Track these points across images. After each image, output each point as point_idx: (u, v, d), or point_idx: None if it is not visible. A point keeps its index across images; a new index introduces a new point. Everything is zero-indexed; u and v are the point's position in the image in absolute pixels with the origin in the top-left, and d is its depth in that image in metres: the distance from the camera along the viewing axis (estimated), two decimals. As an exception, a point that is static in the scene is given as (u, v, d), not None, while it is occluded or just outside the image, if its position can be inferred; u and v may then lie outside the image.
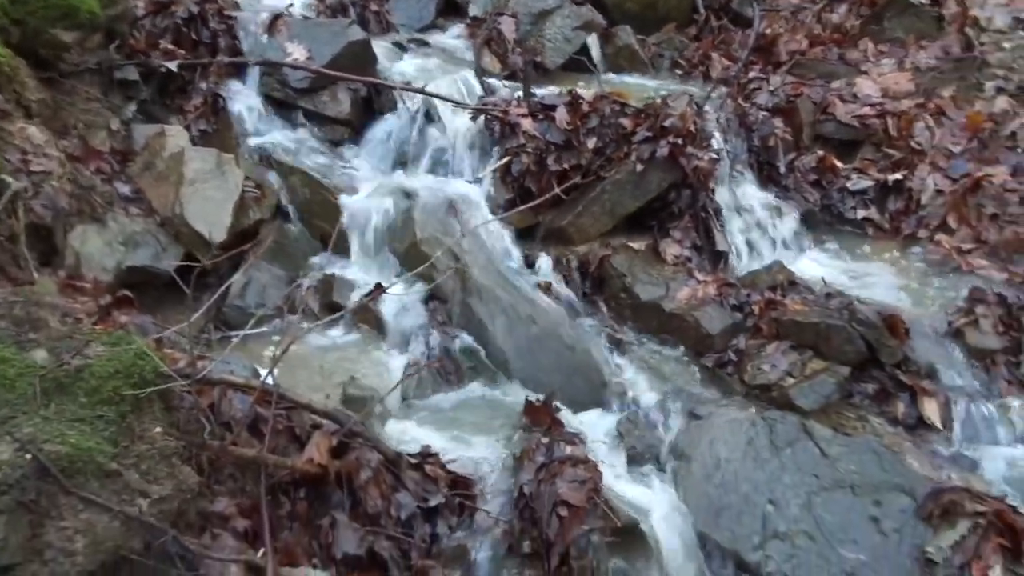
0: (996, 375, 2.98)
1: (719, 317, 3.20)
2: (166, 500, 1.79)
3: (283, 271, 3.24)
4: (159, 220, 3.21)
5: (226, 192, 3.25)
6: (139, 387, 1.89)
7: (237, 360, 2.51)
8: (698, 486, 2.59)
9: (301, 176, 3.53)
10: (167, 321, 2.82)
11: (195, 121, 3.68)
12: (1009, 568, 2.25)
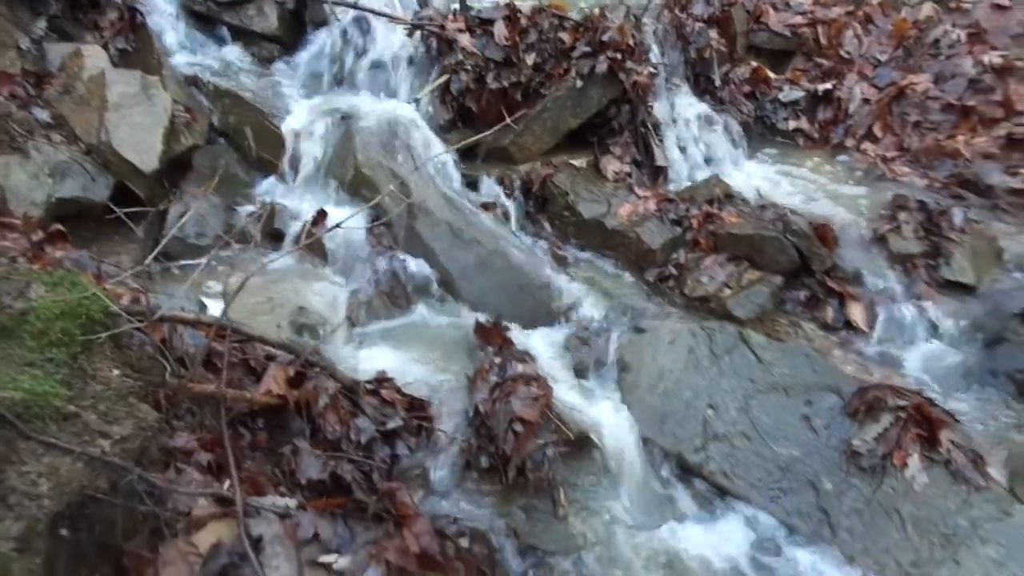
0: (916, 278, 3.16)
1: (659, 232, 3.28)
2: (127, 439, 1.79)
3: (220, 199, 3.15)
4: (84, 148, 3.06)
5: (154, 117, 3.10)
6: (87, 327, 1.86)
7: (181, 293, 2.47)
8: (643, 395, 2.72)
9: (233, 98, 3.40)
10: (103, 255, 2.74)
11: (112, 39, 3.46)
12: (925, 455, 2.46)
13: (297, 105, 3.44)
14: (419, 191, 3.21)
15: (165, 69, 3.38)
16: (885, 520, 2.38)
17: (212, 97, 3.40)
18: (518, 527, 2.31)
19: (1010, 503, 2.40)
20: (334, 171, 3.31)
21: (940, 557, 2.29)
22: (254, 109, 3.37)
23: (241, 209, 3.17)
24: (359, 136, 3.30)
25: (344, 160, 3.29)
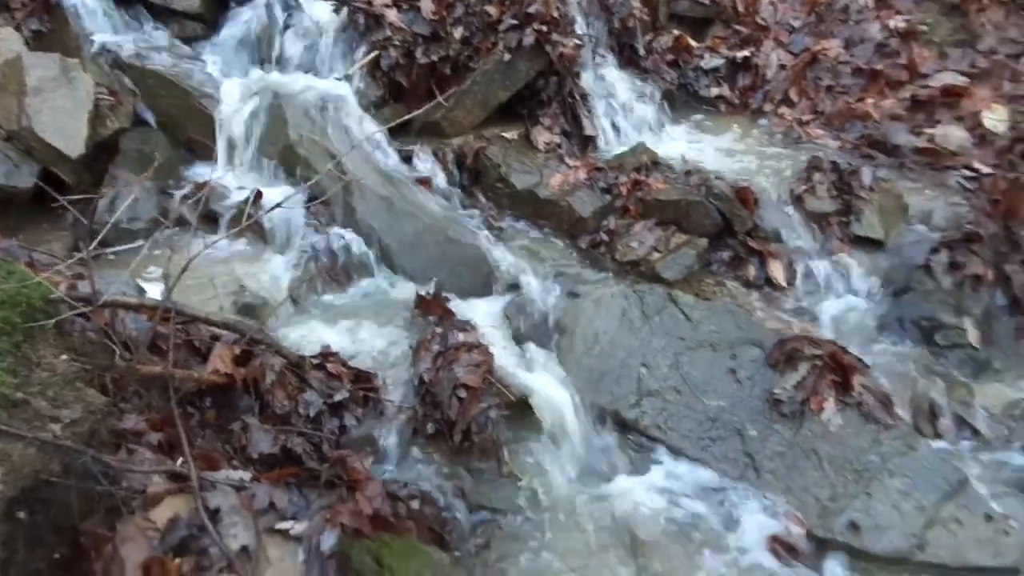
0: (830, 235, 3.36)
1: (590, 200, 3.40)
2: (77, 423, 1.82)
3: (152, 182, 3.13)
4: (5, 134, 2.99)
5: (77, 101, 3.05)
6: (28, 315, 1.87)
7: (121, 279, 2.48)
8: (580, 357, 2.85)
9: (158, 79, 3.35)
10: (32, 243, 2.71)
11: (25, 20, 3.37)
12: (840, 399, 2.66)
13: (225, 84, 3.41)
14: (355, 168, 3.24)
15: (84, 51, 3.31)
16: (804, 460, 2.57)
17: (136, 79, 3.35)
18: (465, 487, 2.42)
19: (915, 438, 2.62)
20: (267, 150, 3.31)
21: (854, 491, 2.50)
22: (181, 90, 3.33)
23: (175, 192, 3.15)
24: (291, 114, 3.31)
25: (277, 139, 3.30)
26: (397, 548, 1.91)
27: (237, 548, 1.70)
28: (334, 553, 1.79)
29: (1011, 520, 2.43)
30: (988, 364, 3.01)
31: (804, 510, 2.47)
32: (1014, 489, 2.56)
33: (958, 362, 2.99)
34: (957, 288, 3.10)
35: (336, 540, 1.80)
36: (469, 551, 2.29)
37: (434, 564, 1.98)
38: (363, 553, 1.82)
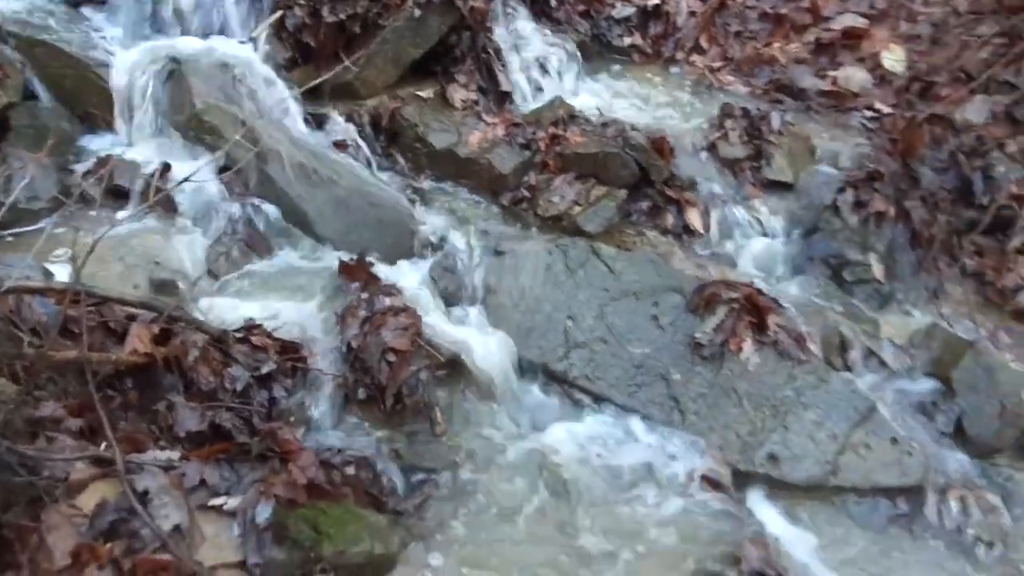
0: (743, 180, 3.46)
1: (509, 157, 3.40)
2: (-11, 415, 1.76)
3: (50, 159, 2.97)
4: None
5: (-42, 75, 2.86)
6: (-75, 307, 1.78)
7: (25, 262, 2.36)
8: (507, 314, 2.89)
9: (46, 49, 3.16)
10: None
11: None
12: (756, 339, 2.78)
13: (121, 52, 3.24)
14: (267, 134, 3.14)
15: (-38, 20, 3.10)
16: (725, 399, 2.69)
17: (23, 49, 3.15)
18: (401, 450, 2.45)
19: (826, 372, 2.76)
20: (172, 120, 3.18)
21: (772, 425, 2.63)
22: (73, 59, 3.15)
23: (76, 168, 3.00)
24: (195, 82, 3.18)
25: (182, 108, 3.17)
26: (334, 514, 1.93)
27: (169, 528, 1.68)
28: (270, 524, 1.79)
29: (914, 442, 2.61)
30: (892, 297, 3.18)
31: (727, 447, 2.59)
32: (916, 413, 2.74)
33: (865, 296, 3.15)
34: (862, 225, 3.25)
35: (271, 512, 1.80)
36: (408, 511, 2.32)
37: (372, 527, 2.01)
38: (299, 522, 1.84)
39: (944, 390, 2.77)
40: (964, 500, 2.49)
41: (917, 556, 2.40)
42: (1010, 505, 2.54)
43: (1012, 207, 3.34)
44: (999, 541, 2.42)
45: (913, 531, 2.46)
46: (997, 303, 3.16)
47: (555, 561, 2.27)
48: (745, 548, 2.28)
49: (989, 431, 2.67)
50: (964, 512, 2.47)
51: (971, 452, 2.66)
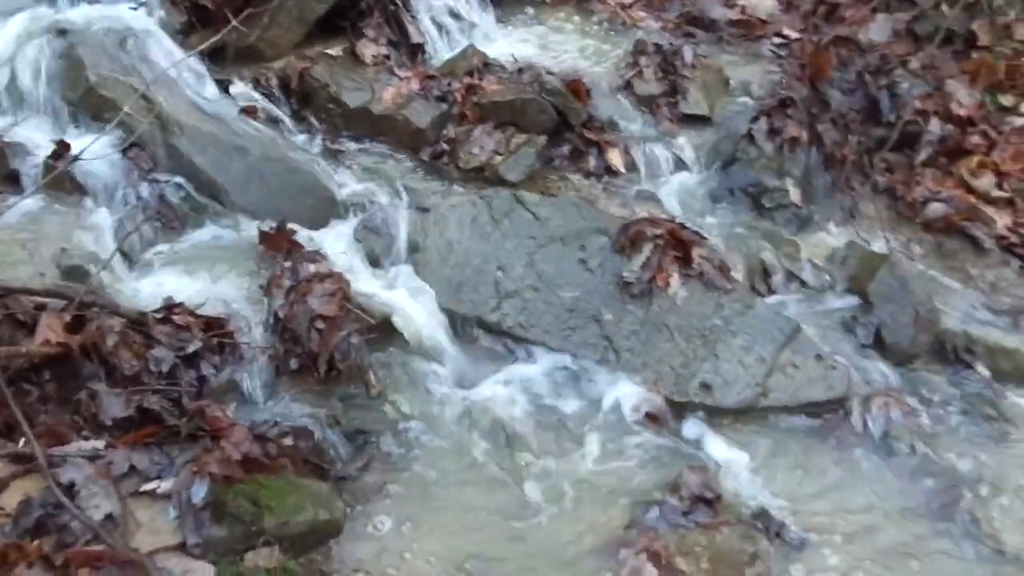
0: (661, 116, 3.48)
1: (426, 111, 3.34)
2: None
3: (-68, 146, 2.80)
4: None
5: None
6: None
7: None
8: (437, 270, 2.87)
9: (-85, 27, 2.95)
10: None
11: None
12: (683, 272, 2.82)
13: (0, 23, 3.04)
14: (170, 105, 3.02)
15: None
16: (657, 335, 2.74)
17: None
18: (339, 416, 2.43)
19: (751, 298, 2.84)
20: (65, 95, 3.00)
21: (703, 355, 2.69)
22: (-53, 37, 2.95)
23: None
24: (86, 53, 3.01)
25: (75, 82, 3.00)
26: (273, 486, 1.92)
27: (101, 517, 1.65)
28: (207, 503, 1.77)
29: (837, 356, 2.71)
30: (810, 219, 3.27)
31: (661, 380, 2.65)
32: (838, 328, 2.84)
33: (784, 221, 3.22)
34: (777, 152, 3.30)
35: (207, 490, 1.78)
36: (351, 476, 2.33)
37: (314, 495, 2.00)
38: (238, 497, 1.82)
39: (862, 304, 2.87)
40: (886, 406, 2.60)
41: (846, 464, 2.51)
42: (928, 406, 2.67)
43: (917, 122, 3.44)
44: (920, 441, 2.55)
45: (841, 440, 2.57)
46: (908, 216, 3.28)
47: (501, 508, 2.31)
48: (683, 475, 2.35)
49: (906, 339, 2.79)
50: (887, 417, 2.58)
51: (891, 360, 2.78)
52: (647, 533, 2.18)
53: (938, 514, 2.36)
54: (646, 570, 2.03)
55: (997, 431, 2.63)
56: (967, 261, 3.13)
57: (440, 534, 2.22)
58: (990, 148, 3.36)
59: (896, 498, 2.42)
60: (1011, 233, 3.13)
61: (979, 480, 2.46)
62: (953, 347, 2.83)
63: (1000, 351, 2.80)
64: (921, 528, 2.33)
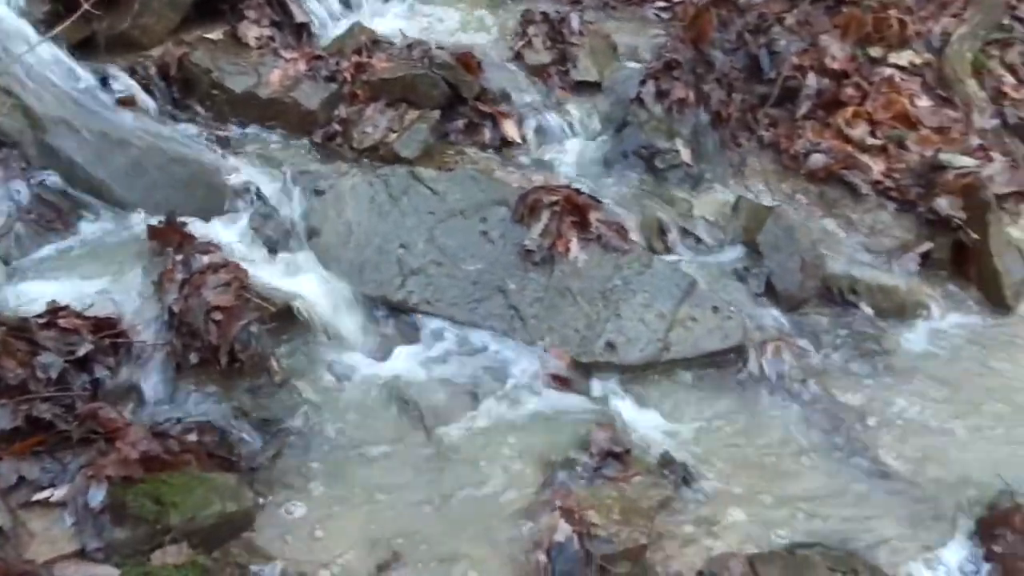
0: (552, 85, 3.52)
1: (315, 92, 3.28)
2: None
3: None
4: None
5: None
6: None
7: None
8: (337, 252, 2.84)
9: None
10: None
11: None
12: (581, 237, 2.88)
13: None
14: (41, 100, 2.88)
15: None
16: (561, 300, 2.79)
17: None
18: (245, 406, 2.39)
19: (649, 257, 2.91)
20: (-78, 97, 2.83)
21: (606, 315, 2.76)
22: None
23: None
24: (-60, 51, 2.83)
25: (-69, 82, 2.82)
26: (177, 483, 1.88)
27: (-9, 533, 1.59)
28: (106, 506, 1.72)
29: (732, 306, 2.82)
30: (701, 177, 3.37)
31: (567, 343, 2.71)
32: (732, 280, 2.96)
33: (677, 181, 3.32)
34: (666, 114, 3.39)
35: (105, 493, 1.73)
36: (263, 465, 2.30)
37: (220, 488, 1.97)
38: (139, 497, 1.78)
39: (753, 255, 3.00)
40: (779, 350, 2.73)
41: (746, 407, 2.63)
42: (818, 346, 2.82)
43: (796, 77, 3.58)
44: (812, 379, 2.70)
45: (741, 385, 2.69)
46: (792, 168, 3.43)
47: (416, 482, 2.32)
48: (593, 432, 2.42)
49: (794, 285, 2.93)
50: (780, 360, 2.72)
51: (782, 307, 2.91)
52: (560, 491, 2.24)
53: (830, 445, 2.51)
54: (560, 526, 2.08)
55: (881, 364, 2.80)
56: (847, 207, 3.30)
57: (357, 513, 2.22)
58: (863, 99, 3.54)
59: (792, 434, 2.55)
60: (885, 178, 3.31)
61: (866, 410, 2.62)
62: (838, 289, 2.99)
63: (880, 290, 2.98)
64: (815, 459, 2.47)
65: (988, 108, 3.55)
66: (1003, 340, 2.90)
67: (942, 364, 2.82)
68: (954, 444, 2.53)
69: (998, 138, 3.51)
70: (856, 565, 2.13)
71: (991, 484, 2.35)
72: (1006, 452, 2.49)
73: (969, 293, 3.05)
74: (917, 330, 2.93)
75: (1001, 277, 3.00)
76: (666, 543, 2.21)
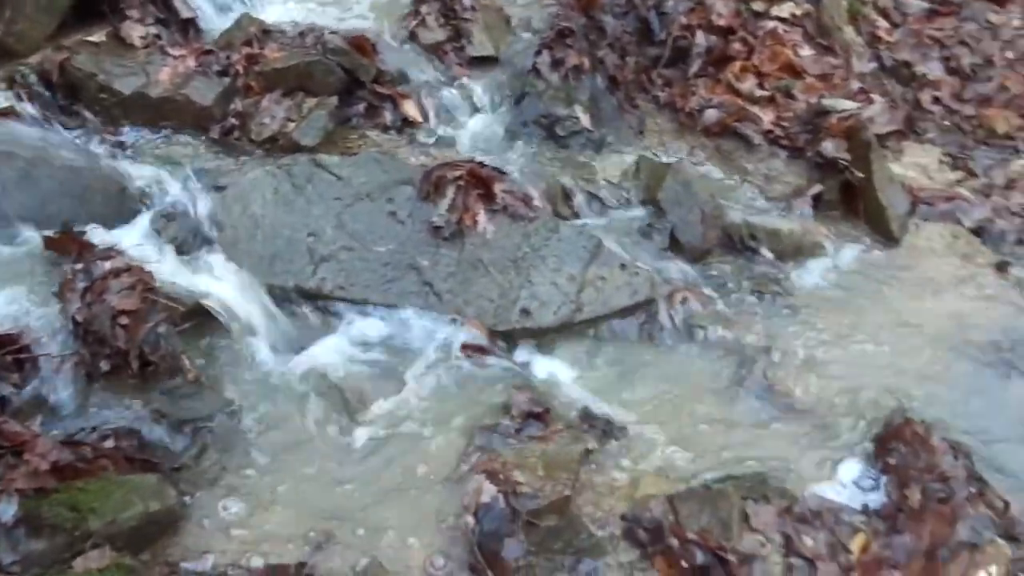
0: (449, 62, 3.54)
1: (208, 87, 3.23)
2: None
3: None
4: None
5: None
6: None
7: None
8: (246, 247, 2.83)
9: None
10: None
11: None
12: (488, 209, 2.92)
13: None
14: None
15: None
16: (473, 272, 2.83)
17: None
18: (163, 408, 2.37)
19: (555, 223, 2.98)
20: None
21: (518, 283, 2.82)
22: None
23: None
24: None
25: None
26: (94, 489, 1.87)
27: None
28: (19, 519, 1.71)
29: (639, 263, 2.92)
30: (603, 141, 3.45)
31: (483, 314, 2.76)
32: (636, 237, 3.05)
33: (579, 146, 3.39)
34: (563, 82, 3.45)
35: (17, 507, 1.71)
36: (187, 465, 2.29)
37: (141, 489, 1.97)
38: (54, 507, 1.76)
39: (656, 211, 3.09)
40: (686, 300, 2.84)
41: (658, 357, 2.73)
42: (723, 292, 2.94)
43: (686, 37, 3.69)
44: (719, 325, 2.81)
45: (652, 338, 2.79)
46: (689, 125, 3.54)
47: (344, 464, 2.35)
48: (513, 396, 2.49)
49: (696, 237, 3.04)
50: (688, 310, 2.83)
51: (687, 258, 3.02)
52: (484, 455, 2.30)
53: (739, 383, 2.63)
54: (485, 488, 2.15)
55: (783, 303, 2.94)
56: (742, 158, 3.43)
57: (286, 500, 2.24)
58: (750, 53, 3.66)
59: (704, 378, 2.67)
60: (775, 127, 3.45)
61: (771, 347, 2.76)
62: (739, 237, 3.11)
63: (777, 234, 3.11)
64: (726, 399, 2.60)
65: (865, 52, 3.73)
66: (892, 270, 3.08)
67: (838, 298, 2.98)
68: (851, 371, 2.69)
69: (876, 80, 3.69)
70: (766, 491, 2.26)
71: (885, 404, 2.52)
72: (898, 373, 2.66)
73: (859, 229, 3.21)
74: (814, 268, 3.07)
75: (886, 211, 3.17)
76: (590, 493, 2.30)
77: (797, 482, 2.31)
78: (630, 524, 2.19)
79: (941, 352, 2.76)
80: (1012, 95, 3.62)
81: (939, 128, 3.62)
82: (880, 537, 2.08)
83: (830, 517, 2.15)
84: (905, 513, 2.10)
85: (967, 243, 3.18)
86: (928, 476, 2.15)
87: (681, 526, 2.13)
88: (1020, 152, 3.53)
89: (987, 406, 2.56)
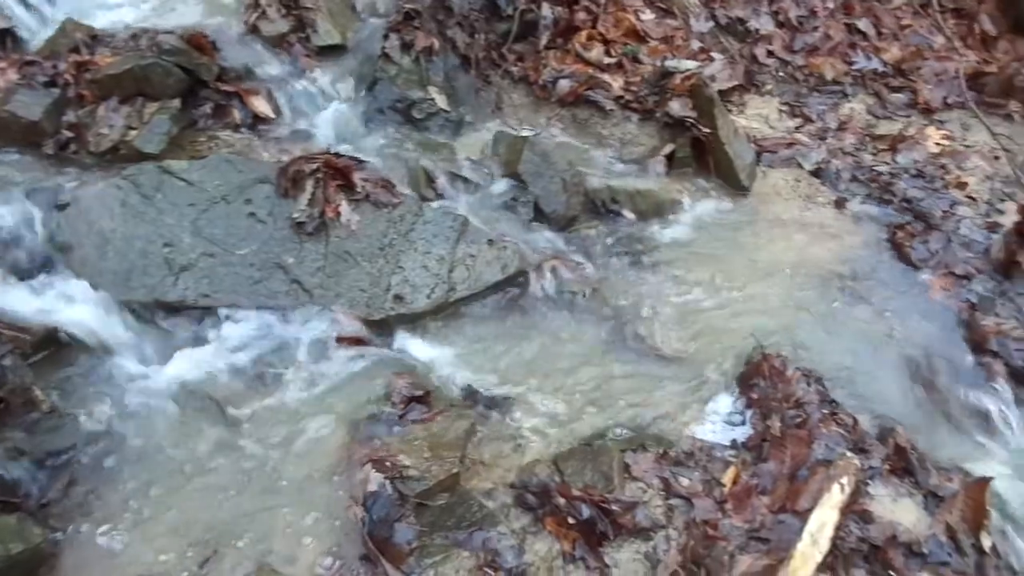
0: (296, 54, 3.45)
1: (35, 100, 3.03)
2: None
3: None
4: None
5: None
6: None
7: None
8: (97, 264, 2.69)
9: None
10: None
11: None
12: (350, 199, 2.89)
13: None
14: None
15: None
16: (342, 264, 2.80)
17: None
18: (20, 445, 2.25)
19: (419, 206, 2.97)
20: None
21: (389, 270, 2.81)
22: None
23: None
24: None
25: None
26: (-53, 539, 1.75)
27: None
28: None
29: (506, 236, 2.96)
30: (461, 120, 3.47)
31: (356, 305, 2.74)
32: (502, 211, 3.09)
33: (438, 128, 3.40)
34: (415, 64, 3.44)
35: None
36: (55, 500, 2.18)
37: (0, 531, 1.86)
38: (-99, 565, 1.64)
39: (518, 185, 3.14)
40: (555, 268, 2.91)
41: (533, 326, 2.79)
42: (590, 257, 3.03)
43: (532, 10, 3.74)
44: (589, 287, 2.90)
45: (526, 308, 2.84)
46: (543, 97, 3.60)
47: (226, 471, 2.30)
48: (392, 382, 2.49)
49: (560, 205, 3.11)
50: (558, 277, 2.90)
51: (553, 227, 3.09)
52: (368, 444, 2.30)
53: (611, 342, 2.73)
54: (371, 477, 2.15)
55: (648, 260, 3.05)
56: (597, 125, 3.52)
57: (167, 522, 2.17)
58: (595, 21, 3.75)
59: (578, 340, 2.75)
60: (625, 92, 3.56)
61: (639, 304, 2.87)
62: (601, 201, 3.21)
63: (637, 194, 3.23)
64: (601, 358, 2.69)
65: (702, 12, 3.89)
66: (745, 217, 3.25)
67: (699, 250, 3.12)
68: (715, 316, 2.83)
69: (715, 39, 3.87)
70: (645, 440, 2.36)
71: (746, 344, 2.67)
72: (756, 314, 2.82)
73: (712, 182, 3.37)
74: (674, 224, 3.21)
75: (734, 163, 3.34)
76: (478, 467, 2.34)
77: (673, 427, 2.42)
78: (519, 491, 2.24)
79: (793, 289, 2.94)
80: (835, 43, 3.87)
81: (775, 79, 3.83)
82: (748, 467, 2.22)
83: (703, 456, 2.27)
84: (768, 441, 2.24)
85: (808, 184, 3.39)
86: (786, 404, 2.31)
87: (567, 484, 2.20)
88: (848, 96, 3.79)
89: (835, 333, 2.76)
